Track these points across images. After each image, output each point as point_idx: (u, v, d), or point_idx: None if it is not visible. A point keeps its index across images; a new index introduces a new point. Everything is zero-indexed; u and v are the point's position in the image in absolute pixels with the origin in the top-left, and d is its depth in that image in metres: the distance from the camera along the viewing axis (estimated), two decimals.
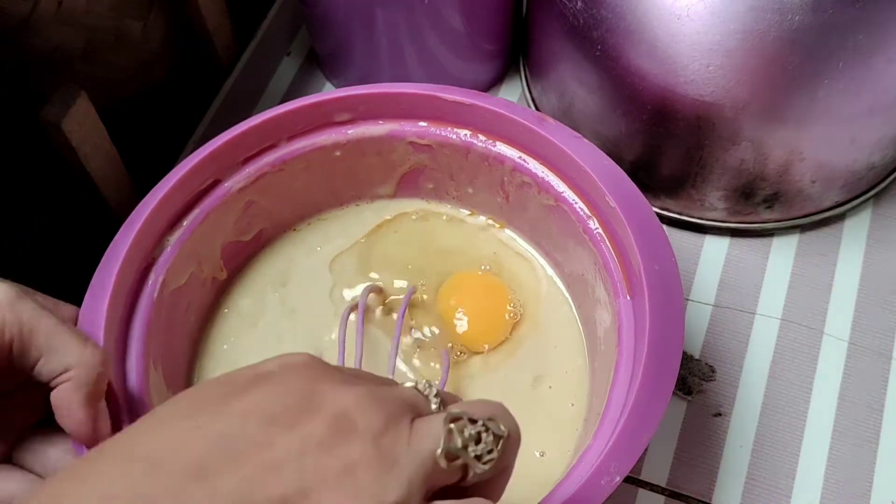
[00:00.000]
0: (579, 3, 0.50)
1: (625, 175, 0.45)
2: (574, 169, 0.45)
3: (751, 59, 0.46)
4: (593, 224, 0.45)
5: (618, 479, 0.36)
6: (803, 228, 0.56)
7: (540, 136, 0.46)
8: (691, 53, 0.47)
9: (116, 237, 0.43)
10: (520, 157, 0.48)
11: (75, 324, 0.40)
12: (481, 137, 0.48)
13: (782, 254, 0.55)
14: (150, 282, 0.44)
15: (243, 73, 0.64)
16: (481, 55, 0.60)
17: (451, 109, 0.48)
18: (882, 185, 0.56)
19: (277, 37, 0.66)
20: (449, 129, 0.49)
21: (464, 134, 0.48)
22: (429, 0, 0.54)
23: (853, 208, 0.56)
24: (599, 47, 0.50)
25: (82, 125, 0.49)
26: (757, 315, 0.53)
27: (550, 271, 0.51)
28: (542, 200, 0.48)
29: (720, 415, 0.50)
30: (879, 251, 0.55)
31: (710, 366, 0.51)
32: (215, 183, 0.47)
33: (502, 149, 0.48)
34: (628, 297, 0.43)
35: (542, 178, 0.47)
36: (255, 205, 0.49)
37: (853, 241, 0.55)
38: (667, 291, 0.41)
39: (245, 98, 0.63)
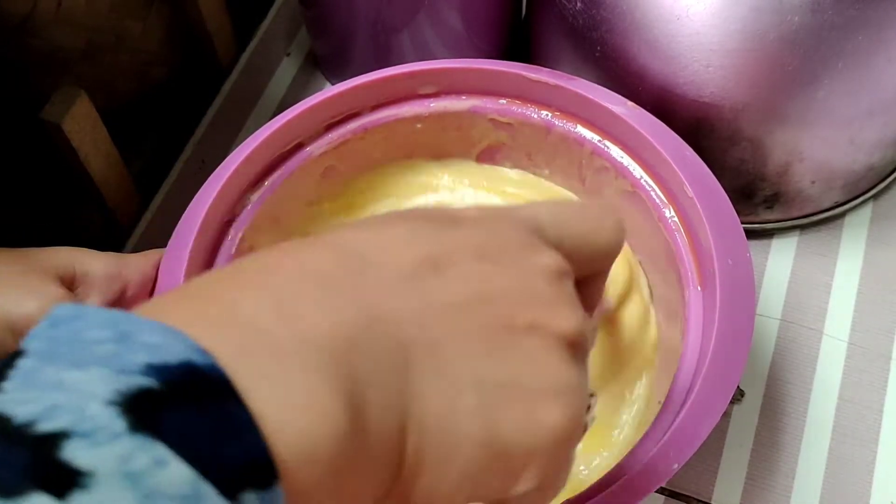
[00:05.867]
0: (579, 4, 0.50)
1: (706, 167, 0.45)
2: (654, 156, 0.46)
3: (750, 59, 0.46)
4: (669, 213, 0.45)
5: (675, 466, 0.36)
6: (803, 229, 0.56)
7: (622, 121, 0.46)
8: (691, 54, 0.47)
9: (201, 191, 0.45)
10: (599, 141, 0.48)
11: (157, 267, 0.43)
12: (562, 119, 0.49)
13: (782, 254, 0.55)
14: (229, 237, 0.46)
15: (243, 74, 0.64)
16: (481, 56, 0.60)
17: (534, 89, 0.48)
18: (881, 186, 0.56)
19: (277, 37, 0.66)
20: (530, 108, 0.49)
21: (545, 114, 0.49)
22: (429, 1, 0.54)
23: (853, 208, 0.56)
24: (599, 48, 0.50)
25: (82, 125, 0.49)
26: (757, 316, 0.53)
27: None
28: (620, 186, 0.48)
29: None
30: (879, 251, 0.55)
31: (741, 389, 0.50)
32: (298, 146, 0.48)
33: (583, 131, 0.48)
34: (699, 289, 0.43)
35: (621, 163, 0.47)
36: (334, 170, 0.50)
37: (853, 241, 0.55)
38: (739, 286, 0.41)
39: (245, 98, 0.63)
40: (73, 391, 0.17)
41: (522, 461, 0.23)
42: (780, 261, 0.55)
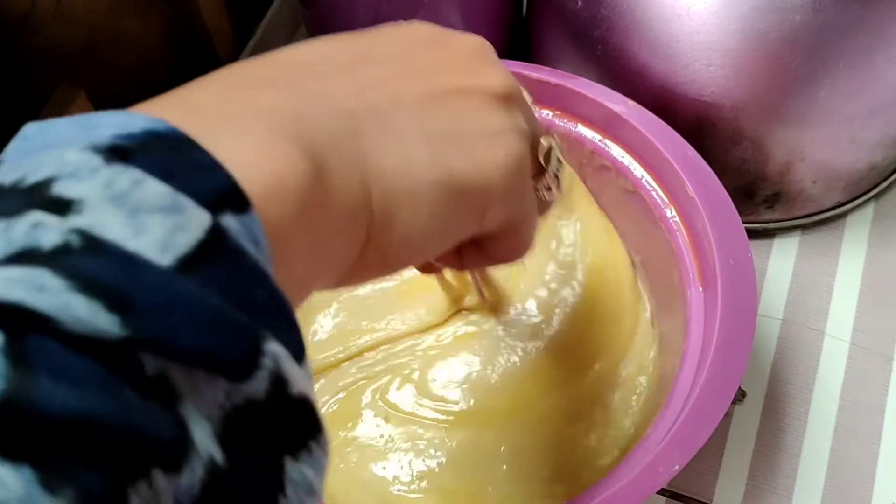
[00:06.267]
0: (579, 3, 0.50)
1: (707, 167, 0.45)
2: (655, 156, 0.45)
3: (751, 58, 0.46)
4: (670, 212, 0.45)
5: (676, 468, 0.36)
6: (804, 228, 0.56)
7: (623, 120, 0.46)
8: (692, 53, 0.47)
9: None
10: (600, 141, 0.48)
11: None
12: (563, 118, 0.48)
13: (783, 254, 0.55)
14: None
15: None
16: None
17: (534, 88, 0.48)
18: (883, 185, 0.56)
19: (277, 37, 0.66)
20: None
21: (545, 113, 0.49)
22: (429, 0, 0.54)
23: (854, 208, 0.56)
24: (600, 47, 0.50)
25: None
26: (758, 316, 0.52)
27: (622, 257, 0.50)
28: (621, 185, 0.47)
29: None
30: (881, 251, 0.55)
31: (742, 389, 0.50)
32: None
33: (583, 130, 0.48)
34: (700, 289, 0.42)
35: (622, 162, 0.47)
36: None
37: (854, 241, 0.55)
38: (740, 286, 0.41)
39: None
40: (50, 154, 0.18)
41: (481, 196, 0.26)
42: (781, 261, 0.55)
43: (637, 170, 0.47)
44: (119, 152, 0.18)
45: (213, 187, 0.18)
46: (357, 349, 0.48)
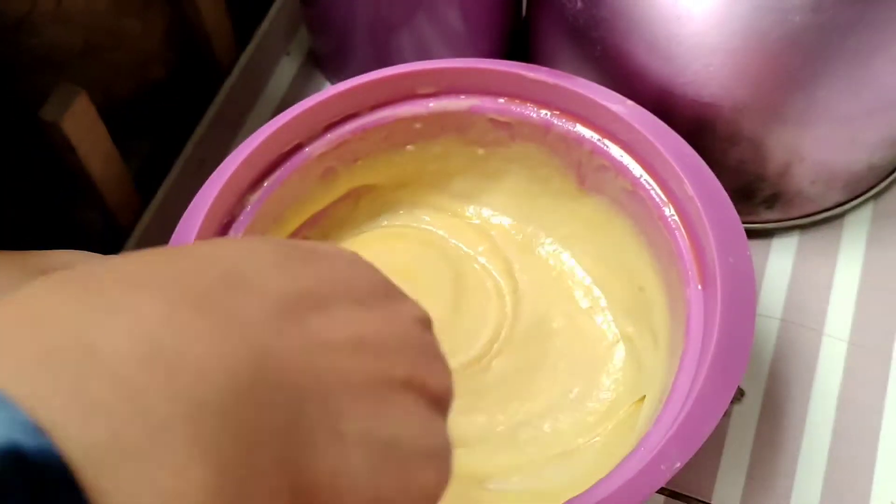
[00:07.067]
0: (579, 4, 0.50)
1: (705, 166, 0.45)
2: (654, 155, 0.46)
3: (751, 59, 0.46)
4: (669, 211, 0.45)
5: (678, 465, 0.36)
6: (803, 229, 0.56)
7: (621, 119, 0.46)
8: (691, 54, 0.47)
9: (200, 193, 0.45)
10: (599, 140, 0.48)
11: None
12: (561, 118, 0.48)
13: (782, 254, 0.55)
14: None
15: (242, 73, 0.64)
16: (482, 56, 0.60)
17: (533, 88, 0.48)
18: (882, 185, 0.56)
19: (277, 37, 0.66)
20: (530, 107, 0.49)
21: (544, 113, 0.49)
22: (429, 0, 0.54)
23: (853, 208, 0.56)
24: (599, 48, 0.50)
25: (81, 125, 0.49)
26: (757, 316, 0.52)
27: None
28: (619, 185, 0.47)
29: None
30: (880, 251, 0.55)
31: (741, 389, 0.50)
32: (297, 147, 0.48)
33: (582, 130, 0.48)
34: (699, 287, 0.43)
35: (621, 162, 0.47)
36: (333, 171, 0.50)
37: (853, 241, 0.55)
38: (740, 284, 0.41)
39: (244, 98, 0.63)
40: None
41: None
42: (780, 261, 0.55)
43: (636, 169, 0.47)
44: None
45: None
46: None
